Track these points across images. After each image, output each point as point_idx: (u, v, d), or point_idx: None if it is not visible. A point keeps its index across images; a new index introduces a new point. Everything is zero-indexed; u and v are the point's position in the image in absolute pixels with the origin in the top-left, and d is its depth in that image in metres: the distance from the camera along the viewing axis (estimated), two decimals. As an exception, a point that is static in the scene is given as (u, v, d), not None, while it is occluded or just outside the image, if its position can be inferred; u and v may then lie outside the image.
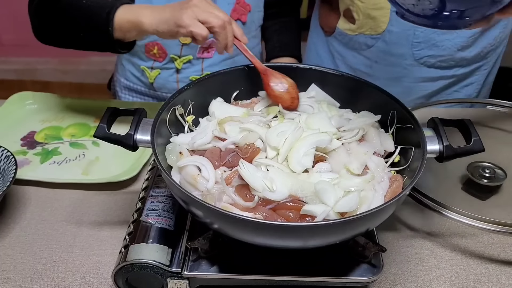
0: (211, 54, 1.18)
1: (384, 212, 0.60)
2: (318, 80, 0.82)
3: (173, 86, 1.22)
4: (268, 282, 0.67)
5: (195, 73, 1.20)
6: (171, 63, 1.18)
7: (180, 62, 1.17)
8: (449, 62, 1.14)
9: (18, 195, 0.90)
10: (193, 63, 1.18)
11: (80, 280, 0.75)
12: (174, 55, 1.16)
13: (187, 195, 0.58)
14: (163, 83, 1.21)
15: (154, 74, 1.19)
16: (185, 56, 1.16)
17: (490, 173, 0.90)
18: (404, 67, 1.15)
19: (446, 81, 1.18)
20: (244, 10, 1.15)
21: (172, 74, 1.20)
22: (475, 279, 0.75)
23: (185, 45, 1.14)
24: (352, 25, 1.15)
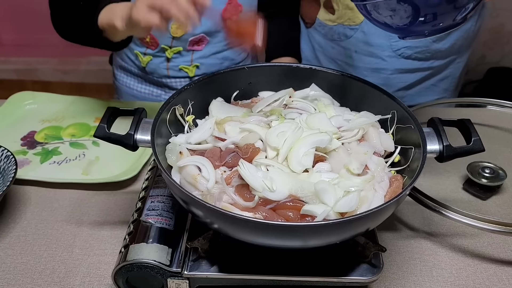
0: (202, 47, 1.21)
1: (384, 212, 0.60)
2: (318, 80, 0.82)
3: (164, 73, 1.25)
4: (268, 282, 0.67)
5: (185, 63, 1.23)
6: (162, 52, 1.21)
7: (171, 52, 1.20)
8: (425, 54, 1.18)
9: (18, 195, 0.90)
10: (182, 54, 1.22)
11: (80, 280, 0.75)
12: (165, 45, 1.19)
13: (187, 195, 0.58)
14: (154, 68, 1.25)
15: (146, 59, 1.22)
16: (175, 47, 1.19)
17: (490, 173, 0.90)
18: (383, 58, 1.19)
19: (423, 73, 1.22)
20: (235, 10, 1.17)
21: (162, 61, 1.23)
22: (475, 279, 0.75)
23: (176, 38, 1.17)
24: (332, 16, 1.18)
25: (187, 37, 1.17)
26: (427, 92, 1.27)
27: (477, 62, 2.55)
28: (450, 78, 1.28)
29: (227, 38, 1.22)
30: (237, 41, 0.77)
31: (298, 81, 0.82)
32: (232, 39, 0.88)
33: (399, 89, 1.24)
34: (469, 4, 0.61)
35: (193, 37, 1.18)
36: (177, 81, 1.28)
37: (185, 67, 1.23)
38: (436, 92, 1.28)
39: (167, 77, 1.26)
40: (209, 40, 1.20)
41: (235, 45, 1.24)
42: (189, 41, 1.18)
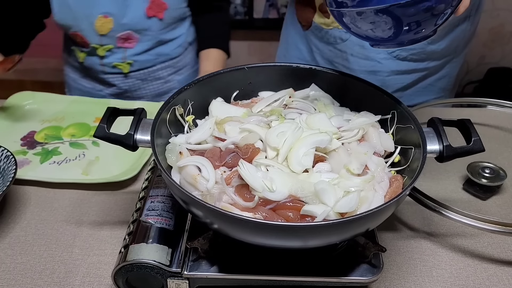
0: (133, 45, 1.25)
1: (384, 212, 0.60)
2: (318, 80, 0.82)
3: (99, 69, 1.30)
4: (268, 282, 0.67)
5: (117, 60, 1.27)
6: (94, 50, 1.25)
7: (103, 50, 1.25)
8: (421, 55, 1.18)
9: (18, 195, 0.90)
10: (114, 52, 1.26)
11: (80, 280, 0.75)
12: (95, 44, 1.23)
13: (187, 195, 0.58)
14: (91, 64, 1.30)
15: (82, 55, 1.28)
16: (106, 45, 1.24)
17: (490, 173, 0.90)
18: (378, 61, 1.19)
19: (420, 73, 1.23)
20: (160, 8, 1.22)
21: (96, 59, 1.28)
22: (475, 279, 0.75)
23: (103, 35, 1.21)
24: (327, 20, 1.19)
25: (113, 34, 1.21)
26: (424, 92, 1.28)
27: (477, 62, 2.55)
28: (447, 78, 1.28)
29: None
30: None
31: (298, 81, 0.82)
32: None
33: (396, 90, 1.24)
34: (447, 10, 0.61)
35: (120, 34, 1.22)
36: (113, 77, 1.31)
37: (118, 64, 1.27)
38: (433, 92, 1.29)
39: (103, 73, 1.30)
40: (138, 38, 1.24)
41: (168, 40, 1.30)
42: (116, 38, 1.22)
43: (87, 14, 1.19)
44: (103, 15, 1.18)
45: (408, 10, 0.58)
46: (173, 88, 1.39)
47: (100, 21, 1.19)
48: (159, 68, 1.33)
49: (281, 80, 0.82)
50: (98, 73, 1.31)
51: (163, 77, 1.36)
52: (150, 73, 1.33)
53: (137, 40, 1.25)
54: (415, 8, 0.58)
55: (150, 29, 1.24)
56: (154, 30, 1.25)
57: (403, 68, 1.20)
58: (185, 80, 1.40)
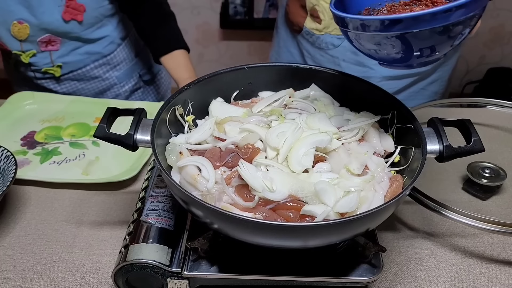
0: (57, 47, 1.20)
1: (384, 212, 0.60)
2: (318, 80, 0.82)
3: (31, 75, 1.26)
4: (268, 282, 0.67)
5: (46, 65, 1.23)
6: (17, 56, 1.21)
7: (26, 57, 1.20)
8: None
9: (18, 195, 0.90)
10: (39, 56, 1.21)
11: (80, 280, 0.75)
12: (16, 51, 1.19)
13: (187, 195, 0.58)
14: (23, 71, 1.26)
15: (11, 61, 1.24)
16: (28, 50, 1.19)
17: (490, 173, 0.90)
18: (370, 67, 1.21)
19: (411, 78, 1.24)
20: (77, 11, 1.16)
21: (25, 66, 1.23)
22: (475, 279, 0.75)
23: (23, 41, 1.17)
24: (319, 25, 1.20)
25: (33, 38, 1.16)
26: (416, 96, 1.28)
27: (477, 62, 2.55)
28: (439, 81, 1.29)
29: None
30: None
31: (298, 81, 0.82)
32: None
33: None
34: (465, 30, 0.55)
35: (40, 38, 1.16)
36: (48, 82, 1.27)
37: (49, 69, 1.23)
38: (426, 96, 1.29)
39: (36, 79, 1.26)
40: (61, 40, 1.19)
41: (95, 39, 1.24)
42: (37, 42, 1.17)
43: (2, 21, 1.13)
44: (17, 21, 1.13)
45: (422, 33, 0.52)
46: (113, 85, 1.33)
47: (16, 27, 1.13)
48: (92, 68, 1.27)
49: (281, 80, 0.82)
50: (33, 79, 1.26)
51: (99, 75, 1.30)
52: (85, 73, 1.27)
53: (60, 42, 1.19)
54: (430, 30, 0.52)
55: (71, 32, 1.18)
56: (75, 32, 1.19)
57: (394, 73, 1.21)
58: (124, 76, 1.34)
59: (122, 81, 1.34)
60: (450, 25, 0.52)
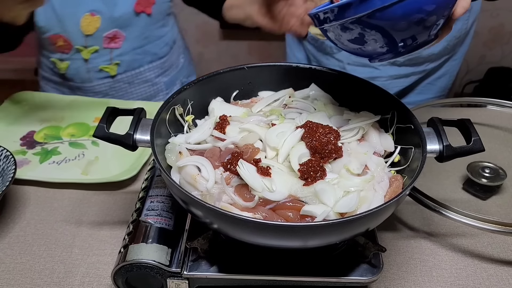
0: (119, 44, 1.20)
1: (384, 212, 0.60)
2: (318, 80, 0.81)
3: (85, 76, 1.24)
4: (268, 282, 0.67)
5: (104, 62, 1.22)
6: (78, 53, 1.19)
7: (88, 53, 1.19)
8: (418, 60, 1.20)
9: (18, 195, 0.90)
10: (100, 53, 1.20)
11: (80, 280, 0.75)
12: (79, 46, 1.18)
13: (187, 195, 0.57)
14: (75, 73, 1.24)
15: (64, 65, 1.22)
16: (91, 46, 1.19)
17: (490, 173, 0.90)
18: (376, 67, 1.21)
19: (418, 76, 1.24)
20: (148, 3, 1.18)
21: (81, 65, 1.22)
22: (475, 279, 0.75)
23: (89, 36, 1.16)
24: None
25: (100, 33, 1.17)
26: (424, 91, 1.28)
27: (477, 61, 2.55)
28: (447, 76, 1.29)
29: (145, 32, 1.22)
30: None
31: (298, 81, 0.82)
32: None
33: (396, 92, 1.25)
34: (439, 21, 0.58)
35: (107, 33, 1.17)
36: (100, 83, 1.25)
37: (105, 67, 1.22)
38: (433, 91, 1.29)
39: (89, 80, 1.24)
40: (125, 36, 1.20)
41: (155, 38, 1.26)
42: (103, 37, 1.17)
43: (72, 13, 1.14)
44: (89, 13, 1.14)
45: (397, 23, 0.54)
46: (160, 91, 1.35)
47: (86, 20, 1.14)
48: (146, 69, 1.29)
49: (281, 80, 0.82)
50: (83, 82, 1.25)
51: (150, 79, 1.31)
52: (138, 75, 1.29)
53: (123, 39, 1.20)
54: (406, 21, 0.54)
55: (138, 25, 1.20)
56: (141, 26, 1.21)
57: (401, 72, 1.21)
58: (170, 82, 1.36)
59: (168, 88, 1.37)
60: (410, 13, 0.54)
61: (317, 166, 0.63)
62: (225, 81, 0.80)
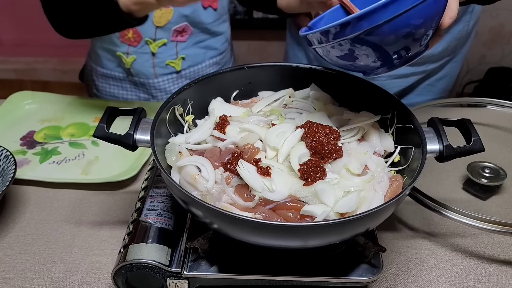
0: (185, 38, 1.20)
1: (384, 212, 0.60)
2: (318, 80, 0.81)
3: (150, 71, 1.23)
4: (268, 282, 0.67)
5: (170, 57, 1.21)
6: (146, 46, 1.18)
7: (155, 46, 1.18)
8: (418, 60, 1.17)
9: (18, 195, 0.90)
10: (168, 47, 1.20)
11: (80, 280, 0.75)
12: (149, 38, 1.17)
13: (187, 195, 0.57)
14: (140, 69, 1.22)
15: (130, 59, 1.20)
16: (159, 39, 1.17)
17: (490, 173, 0.90)
18: None
19: (418, 76, 1.23)
20: None
21: (148, 59, 1.20)
22: (475, 279, 0.75)
23: (159, 27, 1.15)
24: None
25: (170, 26, 1.16)
26: (423, 93, 1.28)
27: (477, 62, 2.55)
28: (448, 78, 1.29)
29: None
30: None
31: (298, 81, 0.82)
32: None
33: (396, 92, 1.25)
34: (428, 32, 0.58)
35: (176, 26, 1.16)
36: (164, 80, 1.25)
37: (171, 62, 1.22)
38: (433, 92, 1.29)
39: (154, 76, 1.23)
40: (192, 31, 1.20)
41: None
42: (172, 30, 1.17)
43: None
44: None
45: (387, 37, 0.55)
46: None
47: (160, 11, 1.13)
48: (207, 65, 1.29)
49: (281, 80, 0.82)
50: (148, 77, 1.23)
51: None
52: (199, 71, 1.28)
53: (190, 33, 1.19)
54: (395, 36, 0.55)
55: (205, 21, 1.20)
56: (208, 21, 1.21)
57: (401, 72, 1.20)
58: None
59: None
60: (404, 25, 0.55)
61: (317, 166, 0.63)
62: (225, 81, 0.80)
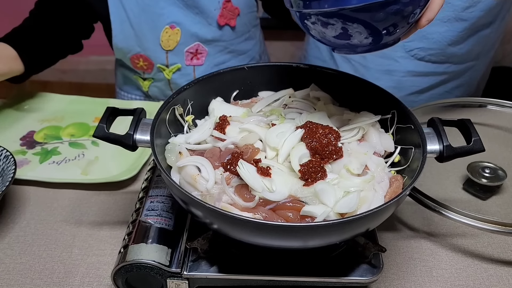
0: (202, 61, 1.13)
1: (384, 212, 0.60)
2: (318, 80, 0.81)
3: (169, 93, 1.17)
4: (268, 282, 0.67)
5: (188, 82, 1.18)
6: (160, 73, 1.14)
7: (169, 72, 1.13)
8: (440, 57, 1.16)
9: (18, 195, 0.90)
10: (183, 72, 1.14)
11: (80, 280, 0.75)
12: (160, 64, 1.12)
13: (187, 195, 0.57)
14: (158, 91, 1.19)
15: (147, 83, 1.17)
16: (173, 65, 1.12)
17: (490, 173, 0.90)
18: (395, 59, 1.17)
19: (438, 77, 1.20)
20: (232, 14, 1.10)
21: (164, 84, 1.16)
22: (475, 279, 0.75)
23: (170, 51, 1.10)
24: None
25: (181, 47, 1.11)
26: (440, 99, 1.22)
27: (477, 62, 2.55)
28: (466, 86, 1.24)
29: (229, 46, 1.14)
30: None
31: (298, 81, 0.82)
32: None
33: (412, 93, 1.22)
34: (416, 10, 0.58)
35: (188, 47, 1.11)
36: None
37: None
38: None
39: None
40: (208, 51, 1.13)
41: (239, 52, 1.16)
42: (185, 53, 1.11)
43: (151, 27, 1.08)
44: (169, 25, 1.07)
45: (376, 14, 0.56)
46: None
47: (166, 33, 1.07)
48: None
49: (281, 80, 0.82)
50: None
51: None
52: None
53: (206, 54, 1.12)
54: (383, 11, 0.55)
55: (221, 39, 1.12)
56: (225, 40, 1.13)
57: (420, 69, 1.17)
58: None
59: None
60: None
61: (318, 166, 0.63)
62: (225, 81, 0.80)
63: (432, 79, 1.20)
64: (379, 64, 1.19)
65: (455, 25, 1.10)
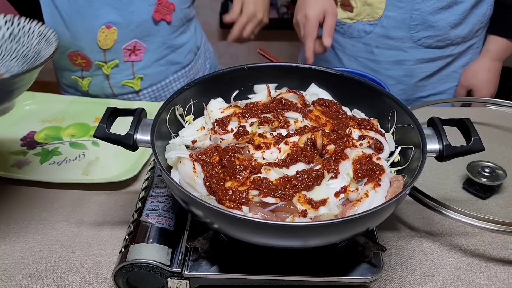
0: (140, 57, 1.15)
1: (384, 212, 0.60)
2: (318, 80, 0.82)
3: (109, 92, 1.20)
4: (268, 282, 0.67)
5: (127, 77, 1.18)
6: (98, 69, 1.15)
7: (108, 68, 1.14)
8: (445, 41, 1.22)
9: (19, 195, 0.90)
10: (121, 67, 1.15)
11: (80, 280, 0.75)
12: (99, 61, 1.14)
13: (187, 195, 0.58)
14: (98, 89, 1.20)
15: (86, 82, 1.18)
16: (111, 61, 1.14)
17: (490, 173, 0.90)
18: (404, 50, 1.22)
19: (444, 60, 1.26)
20: (168, 10, 1.12)
21: (103, 80, 1.17)
22: (475, 278, 0.75)
23: (107, 50, 1.12)
24: (350, 13, 1.22)
25: (119, 45, 1.12)
26: (448, 79, 1.30)
27: (477, 61, 2.55)
28: (470, 63, 1.30)
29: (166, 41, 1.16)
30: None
31: (298, 81, 0.82)
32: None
33: (422, 79, 1.27)
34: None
35: (125, 45, 1.12)
36: (124, 98, 1.21)
37: (128, 82, 1.18)
38: (457, 79, 1.30)
39: (113, 96, 1.20)
40: (146, 47, 1.15)
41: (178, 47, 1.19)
42: (122, 50, 1.12)
43: (87, 29, 1.09)
44: (105, 25, 1.09)
45: None
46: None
47: (103, 33, 1.09)
48: (171, 81, 1.24)
49: (281, 80, 0.82)
50: (108, 97, 1.20)
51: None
52: (164, 88, 1.24)
53: (144, 50, 1.15)
54: None
55: (157, 35, 1.15)
56: (162, 36, 1.16)
57: (428, 56, 1.23)
58: None
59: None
60: None
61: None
62: (225, 81, 0.80)
63: (440, 63, 1.26)
64: (388, 56, 1.23)
65: (455, 9, 1.17)
